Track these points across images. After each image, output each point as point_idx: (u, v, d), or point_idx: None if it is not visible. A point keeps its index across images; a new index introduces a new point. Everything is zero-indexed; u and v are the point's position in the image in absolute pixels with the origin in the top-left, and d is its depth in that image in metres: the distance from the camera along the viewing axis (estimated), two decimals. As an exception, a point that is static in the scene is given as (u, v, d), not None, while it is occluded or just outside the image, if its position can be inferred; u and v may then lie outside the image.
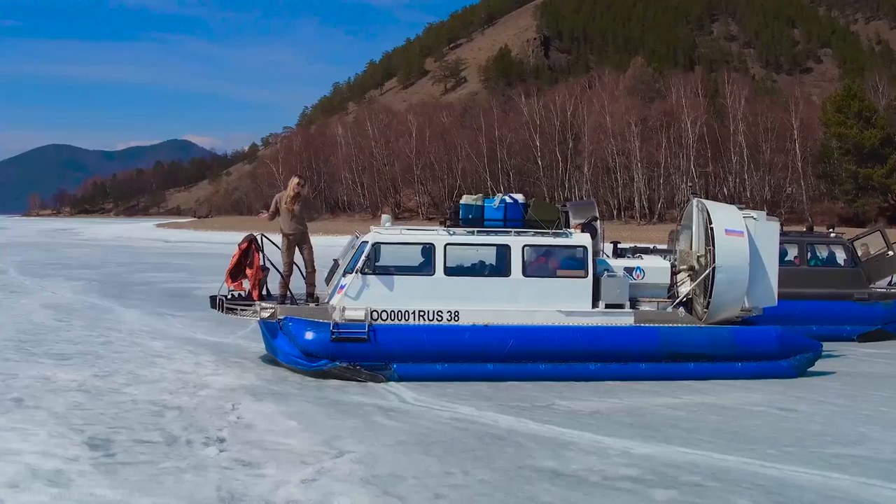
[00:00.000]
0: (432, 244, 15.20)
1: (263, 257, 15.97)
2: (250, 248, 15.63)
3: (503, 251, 15.46)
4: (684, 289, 16.59)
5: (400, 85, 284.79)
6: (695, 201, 17.15)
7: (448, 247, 15.20)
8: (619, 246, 18.12)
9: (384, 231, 15.51)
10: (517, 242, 15.33)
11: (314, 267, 16.07)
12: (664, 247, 19.92)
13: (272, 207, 16.29)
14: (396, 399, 13.31)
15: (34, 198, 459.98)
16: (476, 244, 15.57)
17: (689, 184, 34.43)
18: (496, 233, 15.51)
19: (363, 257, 15.03)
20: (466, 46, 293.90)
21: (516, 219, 15.65)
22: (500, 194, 15.99)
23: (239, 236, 16.84)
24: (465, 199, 15.88)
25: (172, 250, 64.80)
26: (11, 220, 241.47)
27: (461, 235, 15.41)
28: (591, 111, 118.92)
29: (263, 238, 16.32)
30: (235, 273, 15.71)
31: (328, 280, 16.41)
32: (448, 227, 15.59)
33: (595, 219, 17.45)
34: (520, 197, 15.92)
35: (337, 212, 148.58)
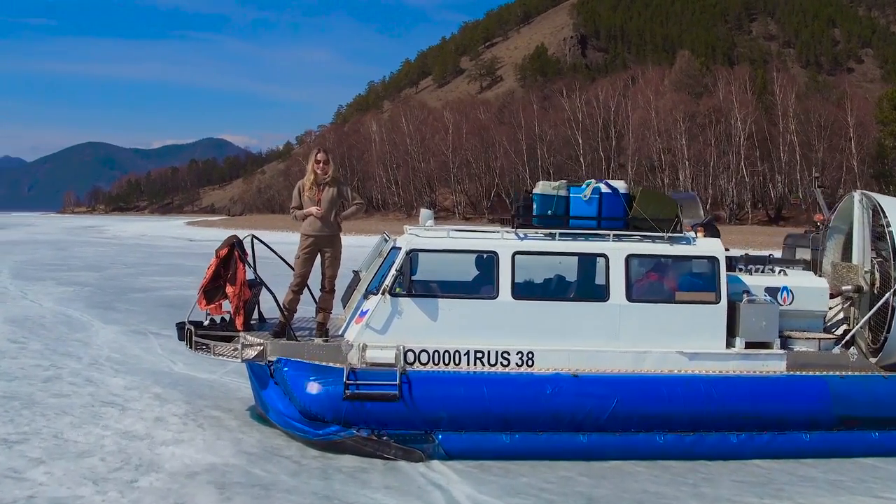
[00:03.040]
0: (495, 253, 10.39)
1: (254, 271, 11.25)
2: (232, 257, 10.88)
3: (598, 264, 10.66)
4: (841, 317, 11.77)
5: (435, 84, 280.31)
6: (857, 195, 12.27)
7: (518, 256, 10.40)
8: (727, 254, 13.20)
9: (424, 234, 10.73)
10: (618, 251, 10.51)
11: (334, 287, 11.10)
12: (776, 254, 15.02)
13: (296, 199, 11.25)
14: (442, 499, 8.50)
15: (69, 195, 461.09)
16: (558, 253, 10.69)
17: (815, 174, 28.99)
18: (587, 237, 10.69)
19: (394, 271, 10.27)
20: (502, 45, 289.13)
21: (617, 216, 10.77)
22: (593, 181, 11.00)
23: (268, 235, 12.06)
24: (542, 188, 10.87)
25: (192, 250, 60.39)
26: (44, 218, 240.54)
27: (536, 240, 10.60)
28: (635, 107, 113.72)
29: (253, 240, 11.61)
30: (212, 291, 10.94)
31: (345, 300, 11.63)
32: (516, 227, 10.77)
33: (715, 218, 12.61)
34: (620, 185, 10.90)
35: (370, 210, 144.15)
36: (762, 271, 12.08)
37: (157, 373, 14.33)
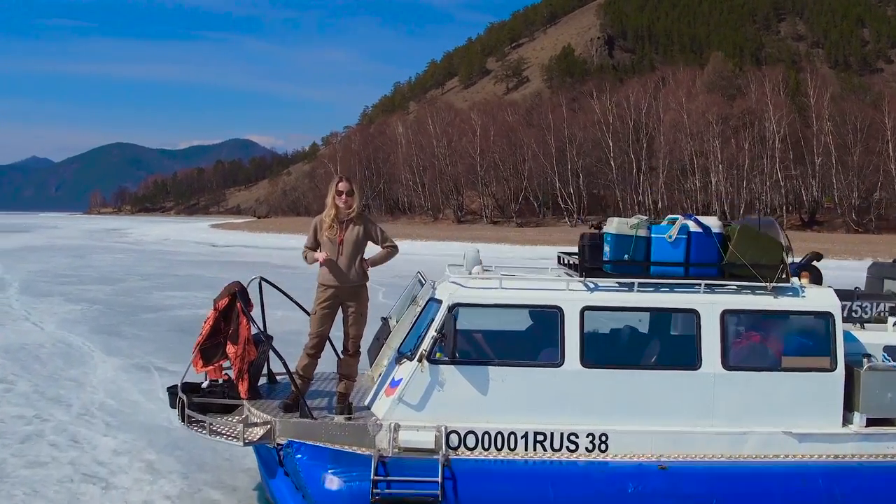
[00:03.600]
0: (559, 309, 8.33)
1: (262, 330, 9.28)
2: (233, 309, 8.90)
3: (687, 322, 8.61)
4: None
5: (461, 85, 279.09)
6: None
7: (587, 313, 8.35)
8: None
9: (470, 283, 8.63)
10: (712, 306, 8.43)
11: (359, 349, 8.96)
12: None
13: (310, 238, 8.93)
14: None
15: (95, 196, 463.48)
16: (637, 309, 8.63)
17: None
18: (672, 287, 8.62)
19: (434, 333, 8.23)
20: (528, 46, 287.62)
21: (710, 262, 8.66)
22: (680, 217, 8.89)
23: (293, 239, 10.02)
24: (617, 227, 8.70)
25: (214, 257, 58.64)
26: (70, 219, 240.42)
27: (609, 292, 8.51)
28: (667, 109, 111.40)
29: (261, 284, 9.63)
30: (210, 350, 8.97)
31: (373, 355, 9.63)
32: (584, 274, 8.69)
33: (818, 257, 10.53)
34: (712, 222, 8.77)
35: (397, 214, 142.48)
36: (856, 308, 9.99)
37: (154, 429, 12.36)
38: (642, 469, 7.98)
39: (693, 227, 8.63)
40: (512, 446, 8.15)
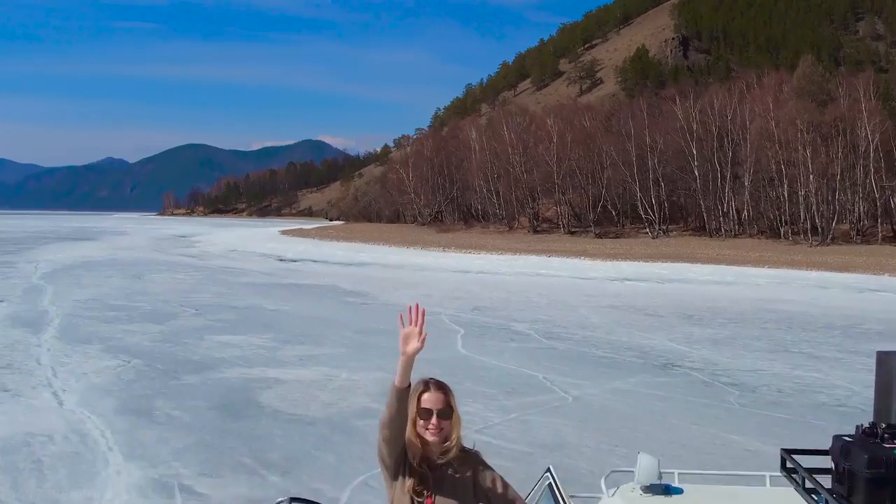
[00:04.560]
0: None
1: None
2: None
3: None
4: None
5: (534, 86, 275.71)
6: None
7: None
8: None
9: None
10: None
11: None
12: None
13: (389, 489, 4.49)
14: None
15: (168, 197, 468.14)
16: None
17: None
18: None
19: None
20: (601, 47, 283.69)
21: None
22: None
23: (364, 252, 7.75)
24: None
25: (278, 278, 55.42)
26: (142, 221, 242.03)
27: None
28: (752, 116, 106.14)
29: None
30: None
31: None
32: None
33: None
34: None
35: (470, 221, 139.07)
36: None
37: None
38: None
39: None
40: None
